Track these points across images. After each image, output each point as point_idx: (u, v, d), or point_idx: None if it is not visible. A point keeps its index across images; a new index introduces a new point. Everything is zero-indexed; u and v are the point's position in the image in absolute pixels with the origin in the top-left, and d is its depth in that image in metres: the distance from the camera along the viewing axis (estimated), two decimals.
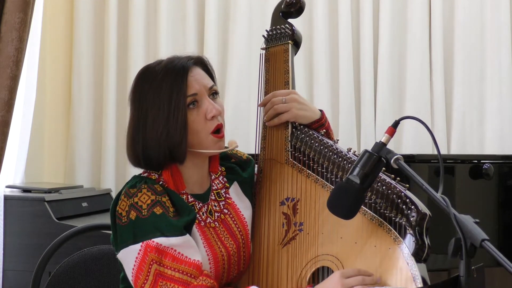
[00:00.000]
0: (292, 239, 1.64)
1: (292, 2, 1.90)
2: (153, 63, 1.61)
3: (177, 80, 1.53)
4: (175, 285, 1.45)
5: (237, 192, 1.72)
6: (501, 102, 3.45)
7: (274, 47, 1.87)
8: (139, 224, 1.48)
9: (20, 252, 2.92)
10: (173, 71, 1.55)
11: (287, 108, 1.72)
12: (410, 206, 1.46)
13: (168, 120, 1.52)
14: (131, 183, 1.56)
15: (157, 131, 1.52)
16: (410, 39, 3.49)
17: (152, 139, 1.53)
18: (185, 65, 1.56)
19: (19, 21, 2.44)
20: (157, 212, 1.49)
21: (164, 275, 1.46)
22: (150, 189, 1.52)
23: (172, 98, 1.52)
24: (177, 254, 1.47)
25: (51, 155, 3.66)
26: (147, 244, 1.46)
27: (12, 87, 2.48)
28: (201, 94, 1.57)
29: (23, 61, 2.54)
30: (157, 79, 1.55)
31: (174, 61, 1.57)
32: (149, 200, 1.50)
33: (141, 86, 1.57)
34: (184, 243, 1.49)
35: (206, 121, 1.56)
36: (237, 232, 1.66)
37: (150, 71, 1.58)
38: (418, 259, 1.43)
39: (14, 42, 2.45)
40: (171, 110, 1.52)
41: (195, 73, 1.57)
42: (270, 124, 1.76)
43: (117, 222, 1.53)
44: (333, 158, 1.63)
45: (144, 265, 1.46)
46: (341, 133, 3.43)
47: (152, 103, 1.53)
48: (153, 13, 3.63)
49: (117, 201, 1.55)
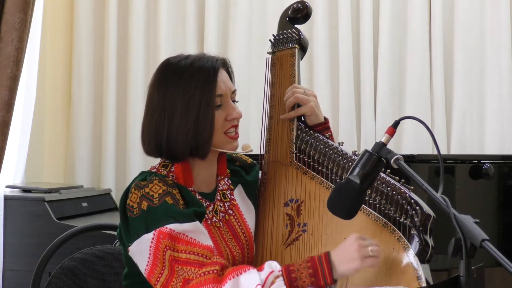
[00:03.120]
0: (296, 240, 1.65)
1: (299, 8, 1.93)
2: (176, 57, 1.63)
3: (208, 79, 1.57)
4: (191, 268, 1.45)
5: (241, 195, 1.73)
6: (501, 102, 3.45)
7: (280, 51, 1.89)
8: (151, 212, 1.49)
9: (20, 252, 2.92)
10: (204, 69, 1.58)
11: (306, 101, 1.74)
12: (415, 207, 1.46)
13: (198, 117, 1.55)
14: (141, 177, 1.58)
15: (185, 126, 1.55)
16: (410, 39, 3.49)
17: (180, 133, 1.55)
18: (216, 66, 1.60)
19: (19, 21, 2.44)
20: (168, 201, 1.50)
21: (179, 260, 1.46)
22: (161, 180, 1.54)
23: (204, 95, 1.55)
24: (189, 239, 1.48)
25: (51, 155, 3.66)
26: (159, 231, 1.47)
27: (12, 87, 2.48)
28: (226, 96, 1.61)
29: (23, 61, 2.54)
30: (185, 74, 1.57)
31: (203, 59, 1.60)
32: (161, 189, 1.52)
33: (167, 77, 1.59)
34: (196, 229, 1.50)
35: (225, 121, 1.60)
36: (240, 234, 1.67)
37: (177, 64, 1.60)
38: (422, 260, 1.43)
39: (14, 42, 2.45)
40: (201, 107, 1.55)
41: (222, 74, 1.61)
42: (286, 117, 1.77)
43: (129, 215, 1.53)
44: (338, 160, 1.64)
45: (159, 253, 1.47)
46: (341, 133, 3.43)
47: (181, 97, 1.55)
48: (153, 13, 3.63)
49: (126, 195, 1.56)
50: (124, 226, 1.56)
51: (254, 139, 2.05)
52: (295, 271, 1.42)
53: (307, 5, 1.93)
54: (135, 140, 3.52)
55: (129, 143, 3.56)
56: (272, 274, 1.42)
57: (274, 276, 1.42)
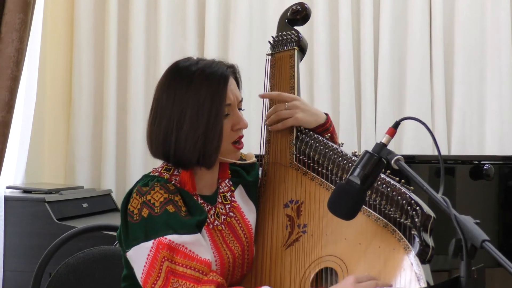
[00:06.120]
0: (296, 241, 1.65)
1: (298, 9, 1.93)
2: (185, 61, 1.61)
3: (219, 88, 1.56)
4: (187, 282, 1.45)
5: (242, 196, 1.73)
6: (501, 102, 3.45)
7: (280, 53, 1.88)
8: (151, 221, 1.48)
9: (21, 253, 2.92)
10: (214, 77, 1.56)
11: (290, 115, 1.74)
12: (415, 208, 1.46)
13: (208, 126, 1.53)
14: (143, 181, 1.56)
15: (194, 134, 1.53)
16: (411, 40, 3.49)
17: (189, 141, 1.54)
18: (226, 74, 1.58)
19: (19, 22, 2.45)
20: (170, 210, 1.50)
21: (176, 272, 1.46)
22: (163, 187, 1.53)
23: (214, 105, 1.54)
24: (188, 252, 1.48)
25: (51, 155, 3.66)
26: (159, 241, 1.46)
27: (13, 88, 2.48)
28: (233, 105, 1.60)
29: (24, 62, 2.54)
30: (196, 81, 1.55)
31: (213, 66, 1.58)
32: (162, 198, 1.51)
33: (177, 82, 1.57)
34: (195, 241, 1.50)
35: (231, 131, 1.60)
36: (242, 235, 1.67)
37: (186, 70, 1.58)
38: (422, 260, 1.43)
39: (14, 42, 2.45)
40: (211, 117, 1.54)
41: (231, 83, 1.60)
42: (274, 129, 1.78)
43: (129, 220, 1.52)
44: (338, 160, 1.64)
45: (156, 263, 1.46)
46: (342, 134, 3.43)
47: (191, 105, 1.54)
48: (153, 13, 3.63)
49: (128, 199, 1.55)
50: (123, 230, 1.56)
51: (254, 140, 2.05)
52: None
53: (306, 7, 1.94)
54: (136, 140, 3.52)
55: (130, 144, 3.56)
56: None
57: None
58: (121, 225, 1.57)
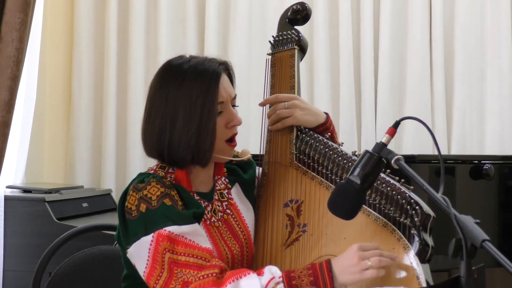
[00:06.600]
0: (296, 240, 1.64)
1: (299, 9, 1.93)
2: (177, 59, 1.61)
3: (210, 86, 1.55)
4: (190, 270, 1.45)
5: (239, 194, 1.73)
6: (501, 102, 3.45)
7: (280, 53, 1.88)
8: (150, 215, 1.49)
9: (21, 252, 2.92)
10: (205, 74, 1.56)
11: (289, 114, 1.74)
12: (415, 207, 1.46)
13: (200, 125, 1.53)
14: (139, 179, 1.57)
15: (187, 133, 1.54)
16: (411, 40, 3.49)
17: (182, 139, 1.54)
18: (217, 71, 1.58)
19: (19, 22, 2.45)
20: (167, 203, 1.50)
21: (178, 262, 1.46)
22: (159, 182, 1.53)
23: (206, 103, 1.54)
24: (188, 241, 1.47)
25: (51, 155, 3.66)
26: (158, 233, 1.46)
27: (13, 87, 2.48)
28: (226, 102, 1.59)
29: (24, 62, 2.54)
30: (188, 78, 1.55)
31: (204, 64, 1.58)
32: (159, 191, 1.51)
33: (169, 80, 1.57)
34: (195, 231, 1.50)
35: (225, 128, 1.59)
36: (239, 233, 1.66)
37: (178, 68, 1.58)
38: (422, 260, 1.43)
39: (14, 42, 2.45)
40: (203, 115, 1.53)
41: (223, 80, 1.59)
42: (273, 128, 1.77)
43: (127, 217, 1.52)
44: (338, 160, 1.64)
45: (158, 256, 1.46)
46: (342, 134, 3.43)
47: (183, 103, 1.54)
48: (153, 13, 3.63)
49: (124, 197, 1.55)
50: (122, 228, 1.56)
51: (254, 140, 2.05)
52: (296, 278, 1.41)
53: (307, 7, 1.94)
54: (136, 140, 3.52)
55: (130, 143, 3.57)
56: (272, 281, 1.41)
57: (275, 282, 1.40)
58: (119, 225, 1.57)
